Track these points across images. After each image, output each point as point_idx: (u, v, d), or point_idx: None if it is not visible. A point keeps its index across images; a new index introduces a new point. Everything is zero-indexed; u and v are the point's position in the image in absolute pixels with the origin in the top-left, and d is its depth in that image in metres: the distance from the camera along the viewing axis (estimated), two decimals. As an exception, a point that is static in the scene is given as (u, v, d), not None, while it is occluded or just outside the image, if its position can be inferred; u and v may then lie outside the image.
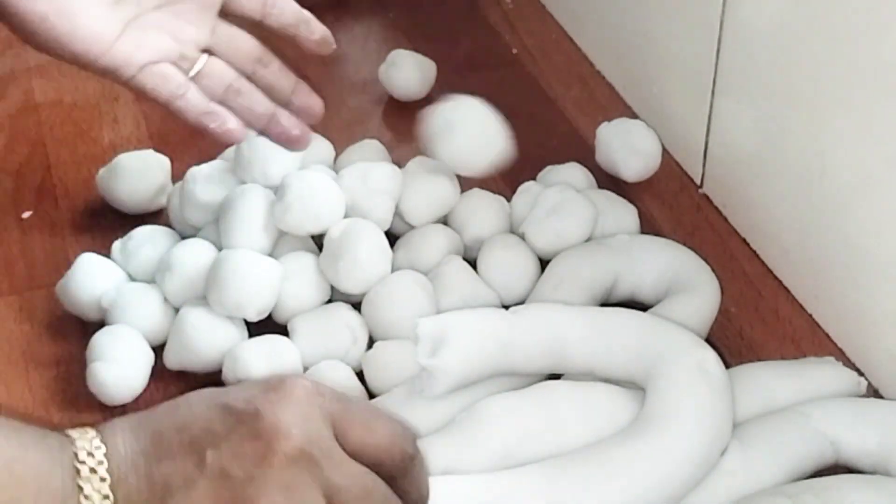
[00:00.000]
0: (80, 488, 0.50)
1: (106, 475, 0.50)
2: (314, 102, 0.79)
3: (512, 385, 0.72)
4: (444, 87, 1.03)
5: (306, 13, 0.79)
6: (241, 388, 0.52)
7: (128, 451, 0.50)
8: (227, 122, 0.75)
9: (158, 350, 0.78)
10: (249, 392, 0.51)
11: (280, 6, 0.78)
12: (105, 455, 0.50)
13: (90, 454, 0.50)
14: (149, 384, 0.76)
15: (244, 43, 0.78)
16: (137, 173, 0.88)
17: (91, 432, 0.51)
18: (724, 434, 0.67)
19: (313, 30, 0.79)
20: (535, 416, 0.68)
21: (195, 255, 0.80)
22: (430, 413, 0.70)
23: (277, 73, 0.78)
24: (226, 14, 0.77)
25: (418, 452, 0.54)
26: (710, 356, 0.69)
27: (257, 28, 0.79)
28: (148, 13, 0.74)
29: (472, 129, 0.83)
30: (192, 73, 0.75)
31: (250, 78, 0.77)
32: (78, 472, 0.50)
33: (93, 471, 0.50)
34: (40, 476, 0.50)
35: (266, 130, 0.77)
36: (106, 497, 0.50)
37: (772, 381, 0.73)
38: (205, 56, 0.76)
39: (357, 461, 0.51)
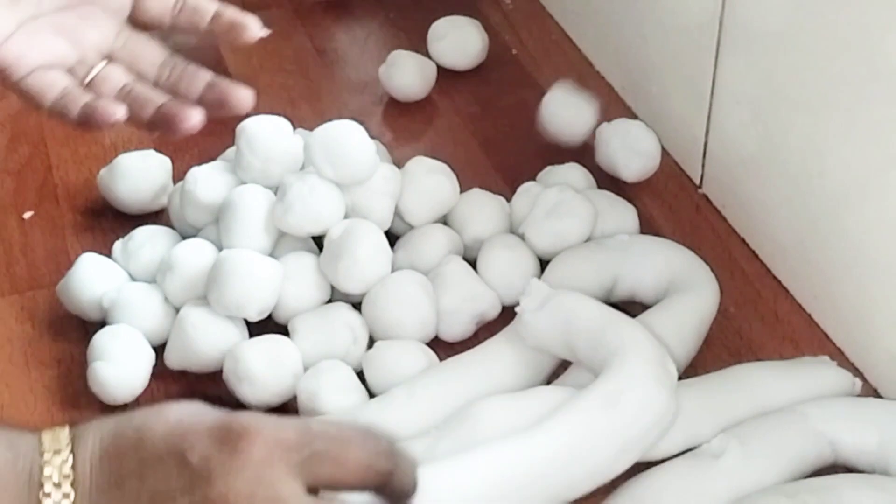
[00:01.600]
0: (41, 485, 0.52)
1: (70, 472, 0.52)
2: (237, 93, 0.70)
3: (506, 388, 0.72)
4: (444, 87, 1.03)
5: (219, 4, 0.73)
6: (201, 434, 0.52)
7: (92, 473, 0.52)
8: (110, 113, 0.68)
9: (159, 350, 0.78)
10: (207, 446, 0.51)
11: (190, 5, 0.73)
12: (71, 467, 0.52)
13: (57, 452, 0.52)
14: (149, 384, 0.77)
15: (148, 48, 0.73)
16: (138, 173, 0.88)
17: (63, 438, 0.53)
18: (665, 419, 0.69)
19: (228, 17, 0.72)
20: (526, 418, 0.68)
21: (196, 255, 0.80)
22: (430, 408, 0.71)
23: (185, 74, 0.72)
24: (135, 22, 0.73)
25: (396, 462, 0.54)
26: (670, 359, 0.70)
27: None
28: (47, 15, 0.70)
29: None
30: (87, 79, 0.71)
31: (155, 84, 0.72)
32: (42, 469, 0.52)
33: (57, 481, 0.52)
34: (4, 475, 0.52)
35: (151, 122, 0.70)
36: (66, 496, 0.52)
37: (766, 380, 0.73)
38: (103, 62, 0.72)
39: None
